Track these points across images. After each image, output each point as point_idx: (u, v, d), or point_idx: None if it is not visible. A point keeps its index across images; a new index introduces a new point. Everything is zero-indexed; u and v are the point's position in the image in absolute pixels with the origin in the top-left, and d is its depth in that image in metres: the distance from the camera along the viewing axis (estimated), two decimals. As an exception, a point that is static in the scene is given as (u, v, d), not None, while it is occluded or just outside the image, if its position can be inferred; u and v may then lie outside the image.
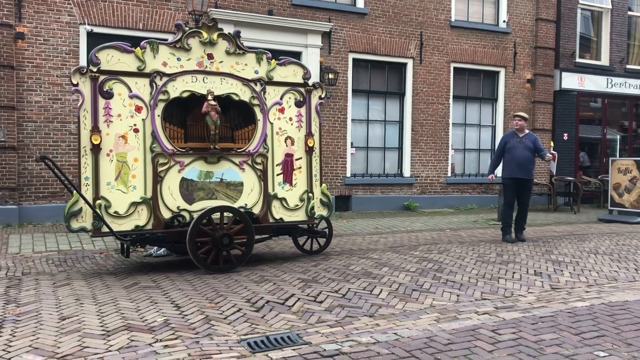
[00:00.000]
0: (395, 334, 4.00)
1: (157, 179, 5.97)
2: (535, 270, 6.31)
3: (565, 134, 15.00)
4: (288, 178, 6.69)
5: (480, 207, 13.31)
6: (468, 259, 6.91)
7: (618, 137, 16.40)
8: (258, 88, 6.47)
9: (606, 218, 11.78)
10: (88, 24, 9.95)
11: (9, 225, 9.35)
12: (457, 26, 13.32)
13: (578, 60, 15.08)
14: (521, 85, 14.32)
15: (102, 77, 5.71)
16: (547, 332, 4.06)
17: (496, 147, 8.84)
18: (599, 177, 14.97)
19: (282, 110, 6.65)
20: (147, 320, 4.30)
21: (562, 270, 6.34)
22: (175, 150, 6.07)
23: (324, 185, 7.03)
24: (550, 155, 8.46)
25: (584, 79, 15.00)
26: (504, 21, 13.96)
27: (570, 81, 14.83)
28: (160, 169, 5.98)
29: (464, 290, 5.36)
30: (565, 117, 15.00)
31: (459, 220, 11.17)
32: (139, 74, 5.88)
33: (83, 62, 9.55)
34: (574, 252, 7.52)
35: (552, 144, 14.52)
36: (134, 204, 5.87)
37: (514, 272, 6.21)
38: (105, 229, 5.74)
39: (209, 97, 6.13)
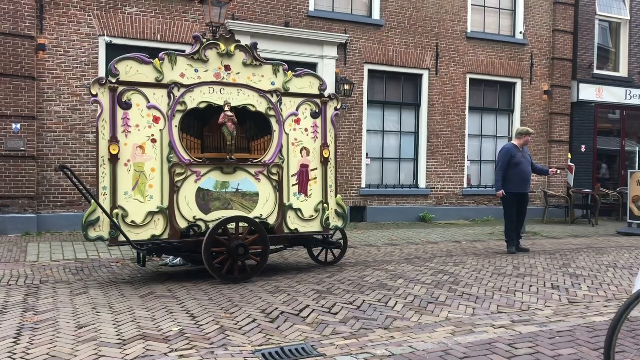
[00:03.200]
0: (410, 347, 3.98)
1: (174, 189, 6.02)
2: (552, 284, 6.24)
3: (583, 146, 14.85)
4: (303, 189, 6.71)
5: (497, 219, 13.19)
6: (484, 272, 6.85)
7: (637, 149, 16.19)
8: (274, 99, 6.51)
9: (625, 231, 11.61)
10: (107, 36, 10.11)
11: (28, 234, 9.47)
12: (474, 37, 13.30)
13: (596, 71, 14.96)
14: (538, 97, 14.23)
15: (121, 88, 5.78)
16: (565, 347, 4.00)
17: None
18: (618, 189, 14.78)
19: (298, 122, 6.68)
20: (162, 329, 4.32)
21: (580, 284, 6.25)
22: (192, 160, 6.12)
23: (339, 196, 7.03)
24: (554, 170, 8.73)
25: (602, 90, 14.87)
26: (520, 32, 13.92)
27: (588, 93, 14.71)
28: (177, 179, 6.03)
29: (480, 304, 5.31)
30: (583, 129, 14.86)
31: (475, 232, 11.09)
32: (157, 85, 5.96)
33: (102, 73, 9.70)
34: (592, 266, 7.42)
35: (569, 156, 14.40)
36: (151, 214, 5.91)
37: (530, 286, 6.14)
38: (122, 238, 5.78)
39: (226, 108, 6.18)
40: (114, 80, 5.76)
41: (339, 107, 6.98)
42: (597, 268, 7.26)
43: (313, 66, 11.55)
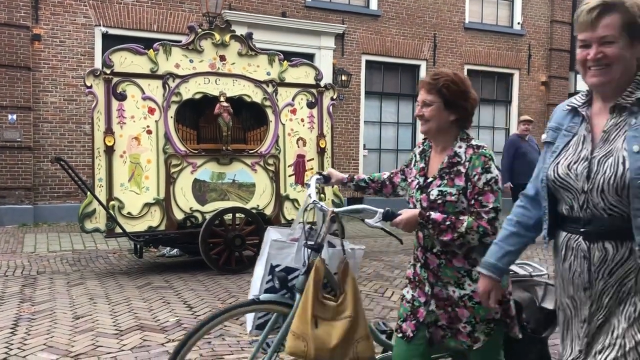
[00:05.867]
0: (406, 336, 3.99)
1: (170, 180, 6.01)
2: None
3: (580, 137, 14.85)
4: (300, 179, 6.70)
5: (494, 210, 13.22)
6: (480, 262, 6.86)
7: (634, 139, 16.22)
8: (270, 89, 6.49)
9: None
10: (103, 26, 10.04)
11: (25, 225, 9.46)
12: (471, 28, 13.25)
13: (593, 62, 14.92)
14: (536, 88, 14.21)
15: (115, 79, 5.76)
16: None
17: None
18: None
19: (294, 112, 6.66)
20: (159, 320, 4.34)
21: (575, 274, 6.27)
22: (187, 151, 6.11)
23: (335, 186, 7.03)
24: None
25: (600, 81, 14.84)
26: (518, 23, 13.87)
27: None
28: (173, 170, 6.02)
29: (476, 294, 5.32)
30: (580, 120, 14.85)
31: (471, 223, 11.09)
32: (152, 75, 5.93)
33: (98, 63, 9.64)
34: (588, 256, 7.43)
35: (566, 146, 14.40)
36: (147, 205, 5.91)
37: (526, 276, 6.16)
38: (118, 230, 5.79)
39: (221, 99, 6.16)
40: (108, 71, 5.74)
41: (335, 97, 6.97)
42: (592, 258, 7.28)
43: (310, 57, 11.49)
